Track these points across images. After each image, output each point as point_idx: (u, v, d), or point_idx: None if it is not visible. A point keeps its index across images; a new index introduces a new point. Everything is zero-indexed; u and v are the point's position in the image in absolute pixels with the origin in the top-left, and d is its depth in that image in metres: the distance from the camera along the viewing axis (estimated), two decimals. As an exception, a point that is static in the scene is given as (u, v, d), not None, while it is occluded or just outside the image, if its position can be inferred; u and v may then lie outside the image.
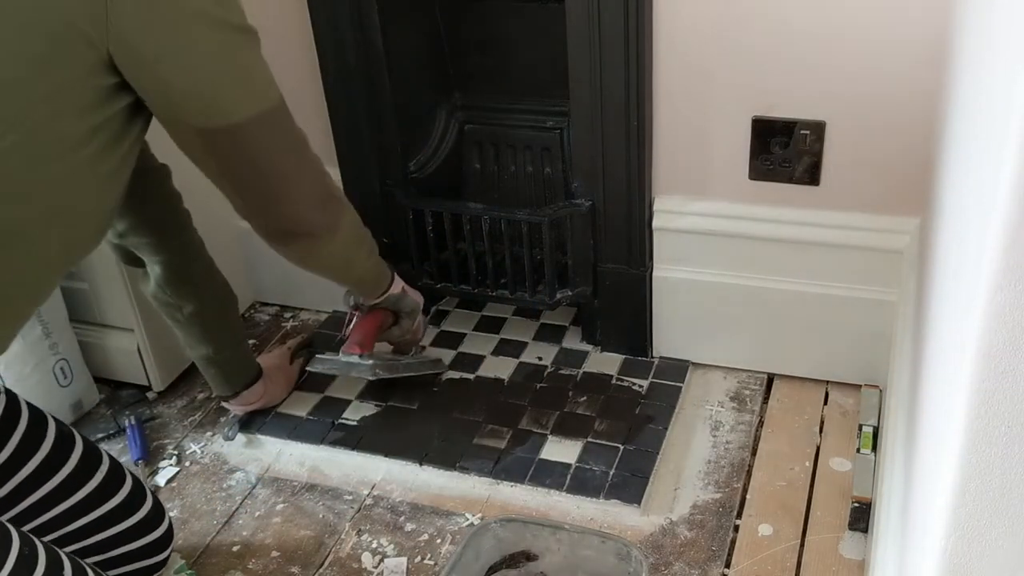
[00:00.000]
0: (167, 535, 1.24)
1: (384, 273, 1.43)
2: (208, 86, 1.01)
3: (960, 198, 0.79)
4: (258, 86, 1.06)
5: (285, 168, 1.11)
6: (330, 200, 1.21)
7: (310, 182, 1.16)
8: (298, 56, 1.57)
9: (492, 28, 1.58)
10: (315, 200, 1.17)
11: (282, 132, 1.10)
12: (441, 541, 1.33)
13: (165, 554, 1.24)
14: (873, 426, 1.34)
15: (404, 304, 1.50)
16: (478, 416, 1.52)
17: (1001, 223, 0.50)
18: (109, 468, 1.17)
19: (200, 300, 1.33)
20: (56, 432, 1.12)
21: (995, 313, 0.52)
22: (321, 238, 1.20)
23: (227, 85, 1.02)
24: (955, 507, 0.59)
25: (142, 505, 1.20)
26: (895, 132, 1.31)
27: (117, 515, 1.16)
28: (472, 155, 1.69)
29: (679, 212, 1.49)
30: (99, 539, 1.15)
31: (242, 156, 1.07)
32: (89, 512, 1.14)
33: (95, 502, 1.14)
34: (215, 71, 1.01)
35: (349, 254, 1.29)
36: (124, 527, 1.17)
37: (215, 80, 1.01)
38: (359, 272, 1.36)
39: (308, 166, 1.15)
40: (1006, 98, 0.54)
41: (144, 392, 1.66)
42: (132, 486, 1.19)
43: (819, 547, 1.27)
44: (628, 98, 1.38)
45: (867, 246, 1.40)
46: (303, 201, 1.15)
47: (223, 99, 1.02)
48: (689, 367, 1.59)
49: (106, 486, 1.15)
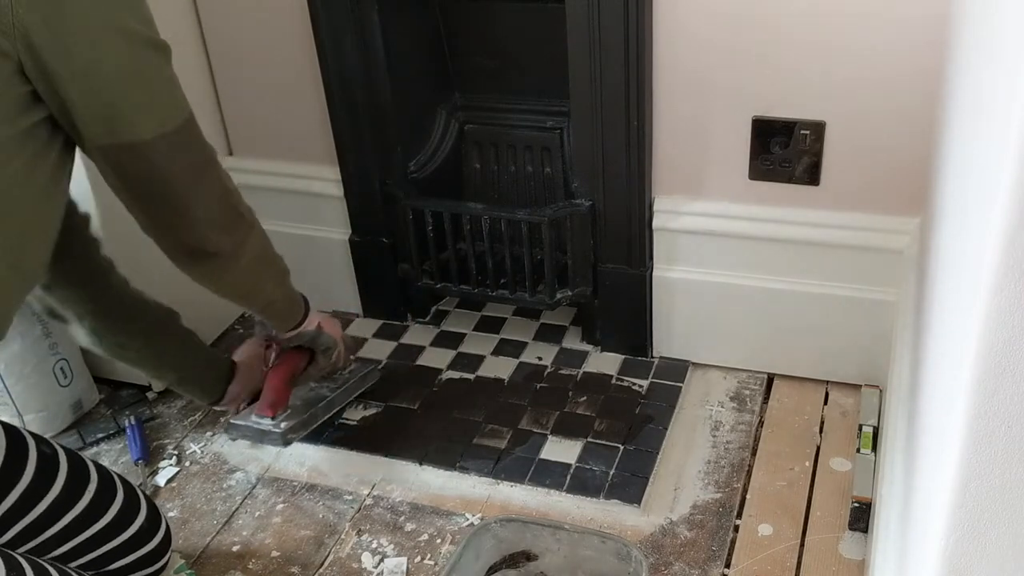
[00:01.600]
0: (164, 543, 1.21)
1: (297, 304, 1.36)
2: (116, 103, 0.98)
3: (960, 198, 0.79)
4: (167, 103, 1.03)
5: (190, 185, 1.08)
6: (238, 219, 1.16)
7: (216, 199, 1.12)
8: (298, 56, 1.58)
9: (492, 28, 1.58)
10: (221, 218, 1.13)
11: (188, 149, 1.07)
12: (441, 541, 1.33)
13: (163, 561, 1.22)
14: (873, 426, 1.34)
15: (320, 342, 1.43)
16: (478, 416, 1.52)
17: (1001, 223, 0.50)
18: (99, 484, 1.13)
19: (143, 333, 1.29)
20: (38, 456, 1.07)
21: (995, 313, 0.52)
22: (228, 257, 1.15)
23: (136, 103, 0.99)
24: (955, 507, 0.59)
25: (136, 517, 1.17)
26: (895, 132, 1.31)
27: (110, 532, 1.13)
28: (472, 155, 1.69)
29: (679, 212, 1.49)
30: (93, 556, 1.13)
31: (146, 173, 1.04)
32: (81, 532, 1.11)
33: (87, 522, 1.11)
34: (125, 88, 0.98)
35: (257, 277, 1.24)
36: (118, 542, 1.15)
37: (124, 97, 0.98)
38: (267, 297, 1.29)
39: (214, 183, 1.12)
40: (1007, 98, 0.54)
41: (144, 392, 1.66)
42: (124, 498, 1.16)
43: (819, 547, 1.27)
44: (628, 98, 1.38)
45: (867, 246, 1.40)
46: (208, 219, 1.11)
47: (131, 117, 0.99)
48: (689, 367, 1.59)
49: (97, 505, 1.12)
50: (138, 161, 1.02)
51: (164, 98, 1.03)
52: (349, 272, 1.76)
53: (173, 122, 1.03)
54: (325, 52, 1.52)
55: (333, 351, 1.47)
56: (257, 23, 1.59)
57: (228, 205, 1.15)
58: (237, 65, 1.65)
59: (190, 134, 1.06)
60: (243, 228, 1.17)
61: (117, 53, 0.96)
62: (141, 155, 1.01)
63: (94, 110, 0.97)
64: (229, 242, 1.15)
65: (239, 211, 1.17)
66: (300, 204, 1.73)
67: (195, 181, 1.08)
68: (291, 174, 1.71)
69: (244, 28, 1.60)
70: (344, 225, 1.72)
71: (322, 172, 1.68)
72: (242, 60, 1.64)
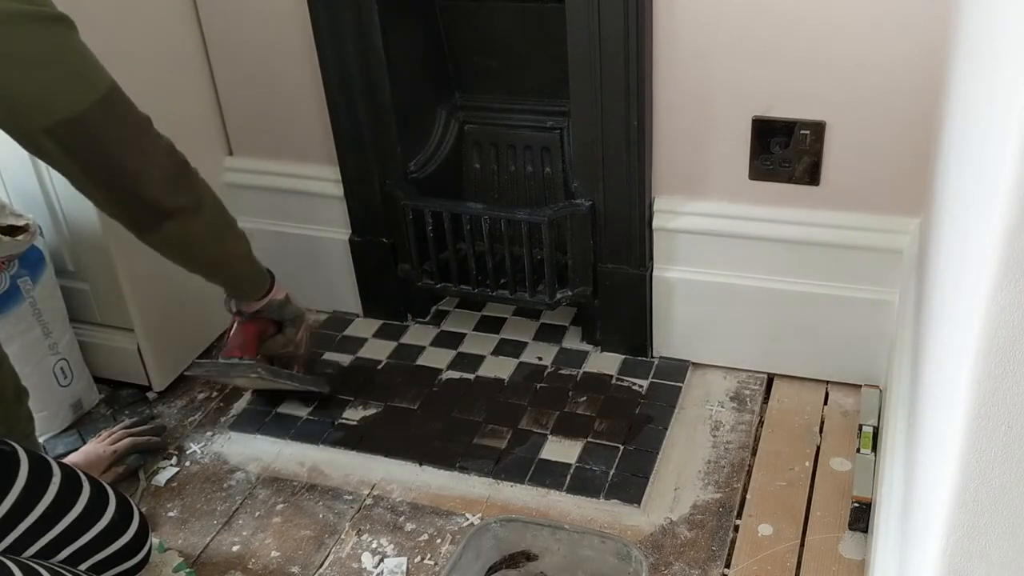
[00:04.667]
0: (140, 535, 1.20)
1: (262, 273, 1.41)
2: (43, 84, 1.02)
3: (960, 198, 0.79)
4: (89, 73, 1.07)
5: (134, 144, 1.12)
6: (187, 172, 1.21)
7: (163, 152, 1.17)
8: (299, 56, 1.58)
9: (492, 28, 1.58)
10: (172, 170, 1.18)
11: (123, 110, 1.11)
12: (441, 541, 1.33)
13: (142, 554, 1.21)
14: (873, 426, 1.34)
15: (287, 312, 1.47)
16: (478, 416, 1.52)
17: (1001, 223, 0.50)
18: (62, 479, 1.13)
19: None
20: None
21: (995, 313, 0.52)
22: (186, 213, 1.20)
23: (60, 79, 1.03)
24: (955, 507, 0.59)
25: (105, 510, 1.16)
26: (895, 132, 1.31)
27: (80, 527, 1.13)
28: (472, 155, 1.69)
29: (679, 212, 1.49)
30: (68, 554, 1.12)
31: (91, 142, 1.08)
32: (50, 529, 1.10)
33: (54, 518, 1.10)
34: (47, 67, 1.02)
35: (219, 235, 1.28)
36: (90, 536, 1.14)
37: (48, 77, 1.02)
38: (233, 260, 1.34)
39: (156, 141, 1.16)
40: (1007, 98, 0.54)
41: (144, 392, 1.66)
42: (91, 492, 1.16)
43: (819, 547, 1.27)
44: (628, 98, 1.38)
45: (867, 246, 1.40)
46: (160, 176, 1.15)
47: (60, 94, 1.03)
48: (689, 367, 1.59)
49: (62, 500, 1.12)
50: (82, 132, 1.06)
51: (85, 67, 1.06)
52: (349, 272, 1.76)
53: (101, 88, 1.07)
54: (325, 52, 1.52)
55: (300, 323, 1.50)
56: (257, 23, 1.59)
57: (175, 159, 1.19)
58: (237, 65, 1.65)
59: (120, 97, 1.10)
60: (195, 179, 1.22)
61: (30, 36, 1.00)
62: (82, 125, 1.05)
63: (26, 96, 1.01)
64: (185, 196, 1.19)
65: (187, 166, 1.21)
66: (300, 204, 1.73)
67: (137, 138, 1.13)
68: (291, 174, 1.71)
69: (244, 28, 1.60)
70: (344, 225, 1.72)
71: (322, 172, 1.68)
72: (242, 60, 1.64)
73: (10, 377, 1.35)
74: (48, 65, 1.01)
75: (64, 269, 1.57)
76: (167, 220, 1.18)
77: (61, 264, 1.56)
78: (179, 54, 1.61)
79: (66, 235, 1.53)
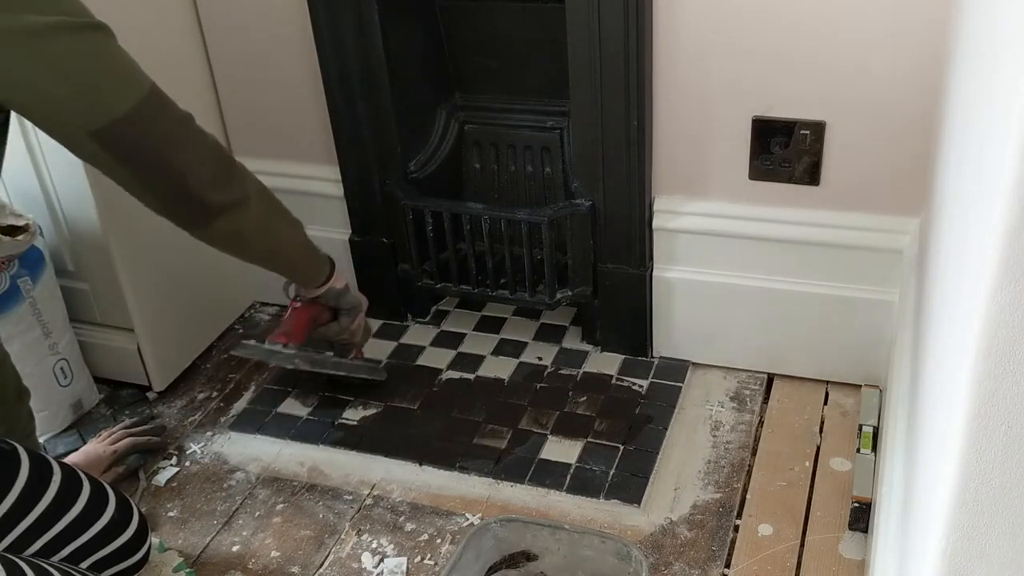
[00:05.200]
0: (139, 534, 1.20)
1: (320, 258, 1.43)
2: (86, 90, 1.04)
3: (960, 198, 0.79)
4: (129, 76, 1.08)
5: (180, 142, 1.14)
6: (232, 166, 1.22)
7: (208, 148, 1.18)
8: (298, 56, 1.58)
9: (492, 28, 1.58)
10: (219, 167, 1.19)
11: (166, 111, 1.12)
12: (441, 541, 1.33)
13: (141, 552, 1.21)
14: (873, 426, 1.34)
15: (344, 300, 1.48)
16: (478, 416, 1.52)
17: (1001, 223, 0.50)
18: (62, 480, 1.13)
19: None
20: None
21: (995, 313, 0.52)
22: (237, 207, 1.21)
23: (102, 84, 1.05)
24: (955, 507, 0.59)
25: (105, 509, 1.17)
26: (895, 132, 1.31)
27: (80, 525, 1.13)
28: (472, 155, 1.69)
29: (679, 212, 1.49)
30: (68, 552, 1.12)
31: (137, 142, 1.09)
32: (51, 527, 1.10)
33: (55, 516, 1.11)
34: (88, 74, 1.04)
35: (272, 223, 1.29)
36: (91, 535, 1.14)
37: (90, 83, 1.04)
38: (288, 249, 1.35)
39: (200, 135, 1.17)
40: (1007, 98, 0.54)
41: (144, 392, 1.66)
42: (91, 491, 1.16)
43: (819, 547, 1.27)
44: (628, 98, 1.38)
45: (867, 246, 1.40)
46: (208, 172, 1.16)
47: (102, 98, 1.05)
48: (689, 367, 1.59)
49: (63, 498, 1.12)
50: (128, 132, 1.08)
51: (125, 70, 1.08)
52: (349, 272, 1.75)
53: (143, 89, 1.09)
54: (325, 52, 1.52)
55: (357, 313, 1.51)
56: (257, 23, 1.59)
57: (220, 154, 1.20)
58: (237, 65, 1.65)
59: (161, 96, 1.12)
60: (242, 173, 1.23)
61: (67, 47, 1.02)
62: (127, 126, 1.07)
63: (69, 103, 1.03)
64: (234, 190, 1.20)
65: (231, 159, 1.22)
66: (300, 204, 1.71)
67: (182, 135, 1.14)
68: (291, 174, 1.71)
69: (244, 28, 1.60)
70: (344, 225, 1.72)
71: (322, 172, 1.68)
72: (242, 60, 1.64)
73: (12, 377, 1.35)
74: (89, 72, 1.04)
75: (64, 269, 1.57)
76: (219, 216, 1.19)
77: (61, 264, 1.56)
78: (179, 54, 1.61)
79: (66, 235, 1.53)
